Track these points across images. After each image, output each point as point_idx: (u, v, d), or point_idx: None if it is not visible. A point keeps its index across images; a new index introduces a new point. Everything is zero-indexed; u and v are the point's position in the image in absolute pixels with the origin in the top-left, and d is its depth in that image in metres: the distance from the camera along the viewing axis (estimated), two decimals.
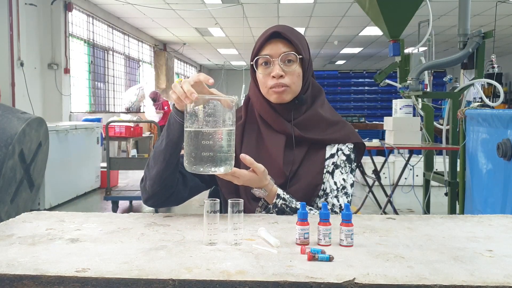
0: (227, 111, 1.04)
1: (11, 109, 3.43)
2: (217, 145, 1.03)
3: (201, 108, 1.03)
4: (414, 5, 4.36)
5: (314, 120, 1.34)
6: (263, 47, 1.30)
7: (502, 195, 2.65)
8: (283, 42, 1.28)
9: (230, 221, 0.95)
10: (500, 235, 1.03)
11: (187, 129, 1.05)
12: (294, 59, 1.28)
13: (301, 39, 1.32)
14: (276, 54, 1.28)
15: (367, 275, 0.77)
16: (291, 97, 1.30)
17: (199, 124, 1.03)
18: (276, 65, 1.27)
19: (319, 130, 1.35)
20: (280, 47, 1.28)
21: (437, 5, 7.33)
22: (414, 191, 4.24)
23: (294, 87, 1.29)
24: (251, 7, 8.21)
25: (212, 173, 1.07)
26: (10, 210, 3.18)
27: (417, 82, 3.79)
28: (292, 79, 1.28)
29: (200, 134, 1.03)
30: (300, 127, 1.32)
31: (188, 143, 1.05)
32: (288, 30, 1.30)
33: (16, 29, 5.94)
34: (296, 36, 1.30)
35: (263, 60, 1.29)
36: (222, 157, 1.05)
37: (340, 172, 1.33)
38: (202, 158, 1.03)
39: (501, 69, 8.71)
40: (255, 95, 1.35)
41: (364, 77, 12.91)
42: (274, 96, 1.29)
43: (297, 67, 1.29)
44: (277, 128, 1.32)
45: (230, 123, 1.05)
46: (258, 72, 1.31)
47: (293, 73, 1.28)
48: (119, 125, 7.19)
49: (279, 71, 1.26)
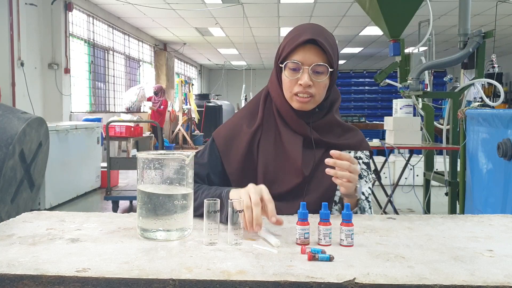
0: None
1: (11, 109, 3.43)
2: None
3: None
4: (414, 5, 4.35)
5: (331, 125, 1.34)
6: (295, 50, 1.23)
7: (503, 195, 2.65)
8: (317, 50, 1.23)
9: (230, 221, 0.95)
10: (500, 235, 1.03)
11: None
12: (324, 70, 1.23)
13: (334, 48, 1.27)
14: (308, 62, 1.22)
15: (367, 275, 0.77)
16: (313, 106, 1.28)
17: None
18: (306, 73, 1.22)
19: (334, 135, 1.34)
20: (312, 56, 1.22)
21: (437, 5, 7.33)
22: (414, 191, 4.24)
23: (319, 97, 1.27)
24: (251, 7, 8.21)
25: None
26: (10, 210, 3.18)
27: (418, 82, 3.79)
28: (318, 90, 1.25)
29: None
30: (317, 130, 1.31)
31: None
32: (323, 36, 1.24)
33: (17, 29, 5.94)
34: (330, 46, 1.24)
35: (293, 66, 1.24)
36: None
37: (365, 181, 1.36)
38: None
39: (501, 69, 8.72)
40: (277, 94, 1.32)
41: (364, 77, 12.90)
42: (297, 104, 1.27)
43: (326, 79, 1.25)
44: (295, 128, 1.30)
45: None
46: (285, 74, 1.26)
47: (321, 84, 1.25)
48: (120, 125, 7.19)
49: (308, 81, 1.22)
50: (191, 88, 11.79)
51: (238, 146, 1.32)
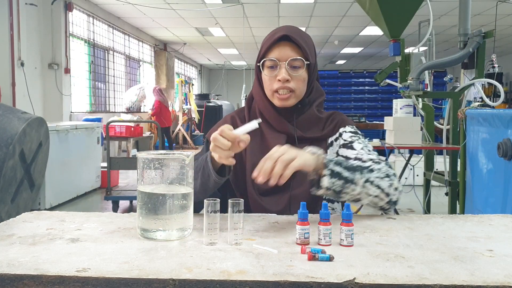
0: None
1: (11, 109, 3.43)
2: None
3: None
4: (414, 5, 4.35)
5: (312, 120, 1.36)
6: (271, 49, 1.30)
7: (503, 195, 2.65)
8: (292, 46, 1.28)
9: (231, 221, 0.95)
10: (500, 235, 1.03)
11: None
12: (301, 64, 1.28)
13: (309, 44, 1.32)
14: (284, 58, 1.28)
15: (367, 275, 0.77)
16: (294, 102, 1.32)
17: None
18: (283, 68, 1.27)
19: (318, 129, 1.37)
20: (288, 51, 1.28)
21: (438, 4, 7.33)
22: (414, 190, 4.23)
23: (299, 92, 1.31)
24: (252, 7, 8.21)
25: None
26: (10, 210, 3.18)
27: (418, 82, 3.79)
28: (297, 84, 1.29)
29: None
30: (299, 127, 1.34)
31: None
32: (297, 33, 1.30)
33: (17, 29, 5.94)
34: (304, 41, 1.30)
35: (271, 64, 1.29)
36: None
37: (358, 143, 1.32)
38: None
39: (501, 68, 8.73)
40: (258, 95, 1.36)
41: (364, 77, 12.92)
42: (279, 101, 1.30)
43: (304, 73, 1.30)
44: (278, 128, 1.34)
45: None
46: (264, 73, 1.32)
47: (299, 78, 1.29)
48: (120, 125, 7.19)
49: (286, 75, 1.27)
50: (191, 88, 11.79)
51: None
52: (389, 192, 1.15)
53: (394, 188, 1.16)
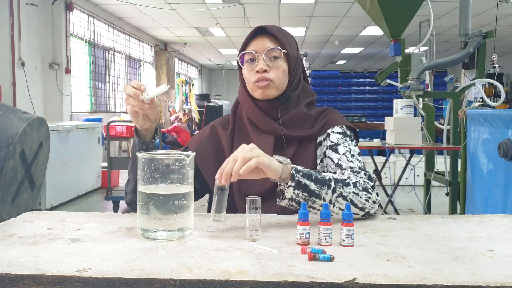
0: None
1: (12, 109, 3.43)
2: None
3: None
4: (415, 5, 4.35)
5: (300, 118, 1.33)
6: (249, 44, 1.30)
7: (503, 195, 2.65)
8: (269, 38, 1.29)
9: (248, 218, 0.96)
10: (501, 235, 1.03)
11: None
12: (279, 55, 1.28)
13: (287, 36, 1.32)
14: (261, 49, 1.28)
15: (367, 275, 0.77)
16: (275, 92, 1.29)
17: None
18: (260, 59, 1.27)
19: (307, 127, 1.34)
20: (265, 43, 1.28)
21: (438, 5, 7.33)
22: (415, 191, 4.23)
23: (279, 82, 1.28)
24: (252, 7, 8.21)
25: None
26: (11, 210, 3.18)
27: (418, 82, 3.79)
28: (276, 74, 1.28)
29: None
30: (287, 126, 1.31)
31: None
32: (274, 27, 1.31)
33: (17, 29, 5.94)
34: (281, 33, 1.31)
35: (249, 57, 1.30)
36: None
37: (343, 146, 1.28)
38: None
39: (502, 69, 8.72)
40: (242, 94, 1.35)
41: (365, 77, 12.91)
42: (258, 91, 1.28)
43: (282, 63, 1.29)
44: (264, 128, 1.31)
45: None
46: (244, 68, 1.31)
47: (278, 68, 1.28)
48: (120, 125, 7.19)
49: (263, 66, 1.26)
50: (192, 88, 11.79)
51: (213, 152, 1.34)
52: (363, 207, 1.12)
53: (372, 201, 1.14)
